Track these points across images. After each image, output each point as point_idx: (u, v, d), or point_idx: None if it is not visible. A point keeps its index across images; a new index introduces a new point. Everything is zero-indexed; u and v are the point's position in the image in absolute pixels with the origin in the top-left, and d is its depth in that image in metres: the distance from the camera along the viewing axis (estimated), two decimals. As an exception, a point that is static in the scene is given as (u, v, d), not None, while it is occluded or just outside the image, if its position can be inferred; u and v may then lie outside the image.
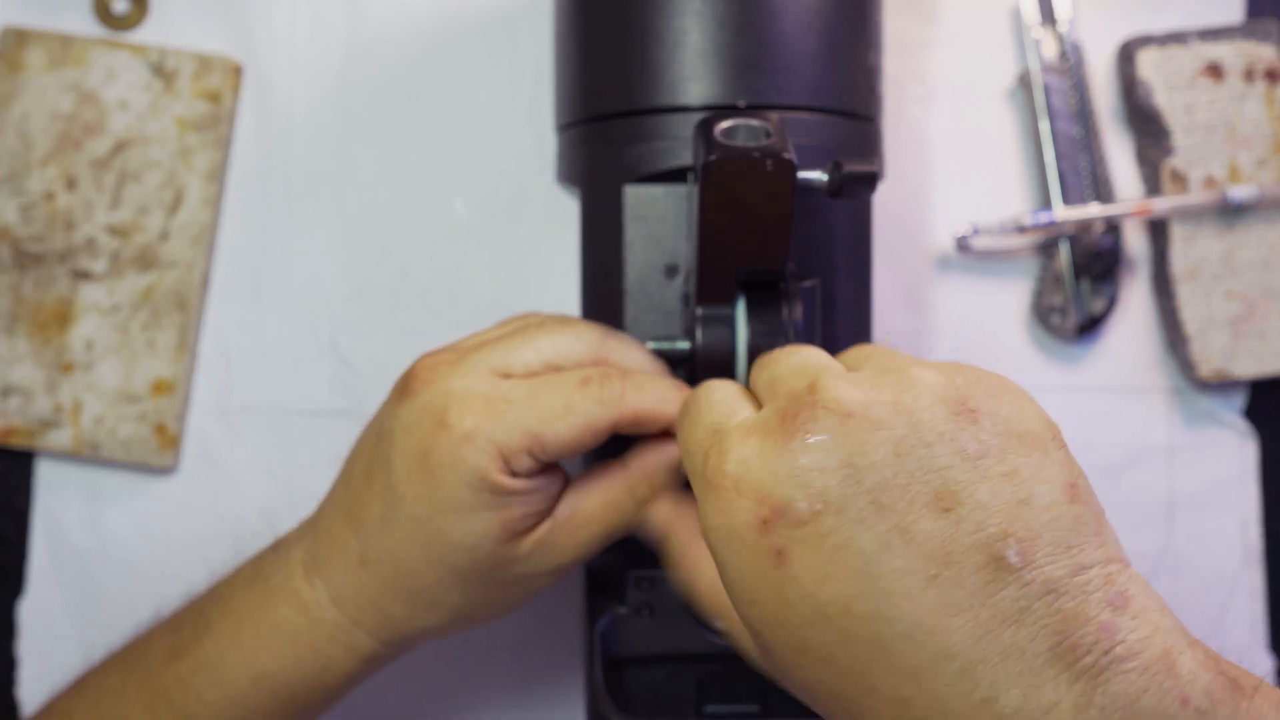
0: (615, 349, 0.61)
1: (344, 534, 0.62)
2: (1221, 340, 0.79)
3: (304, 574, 0.62)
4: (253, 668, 0.62)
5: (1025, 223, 0.78)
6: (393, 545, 0.60)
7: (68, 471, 0.81)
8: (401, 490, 0.59)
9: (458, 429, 0.57)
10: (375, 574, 0.60)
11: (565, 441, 0.58)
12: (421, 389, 0.59)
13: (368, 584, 0.61)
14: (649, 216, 0.64)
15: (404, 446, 0.59)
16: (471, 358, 0.60)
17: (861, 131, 0.66)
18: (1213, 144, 0.80)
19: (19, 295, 0.79)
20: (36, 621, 0.81)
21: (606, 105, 0.65)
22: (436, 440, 0.57)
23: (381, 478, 0.60)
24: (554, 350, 0.60)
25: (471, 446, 0.57)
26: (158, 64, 0.80)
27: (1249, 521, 0.81)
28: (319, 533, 0.63)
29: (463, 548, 0.59)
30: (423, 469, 0.58)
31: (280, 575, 0.63)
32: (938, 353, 0.81)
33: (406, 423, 0.59)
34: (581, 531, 0.61)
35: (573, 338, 0.61)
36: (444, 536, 0.58)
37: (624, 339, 0.62)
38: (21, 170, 0.79)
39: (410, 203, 0.81)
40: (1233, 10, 0.82)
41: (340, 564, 0.61)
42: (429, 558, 0.59)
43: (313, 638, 0.62)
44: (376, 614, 0.61)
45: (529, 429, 0.57)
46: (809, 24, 0.63)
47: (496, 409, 0.57)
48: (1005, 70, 0.82)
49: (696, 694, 0.66)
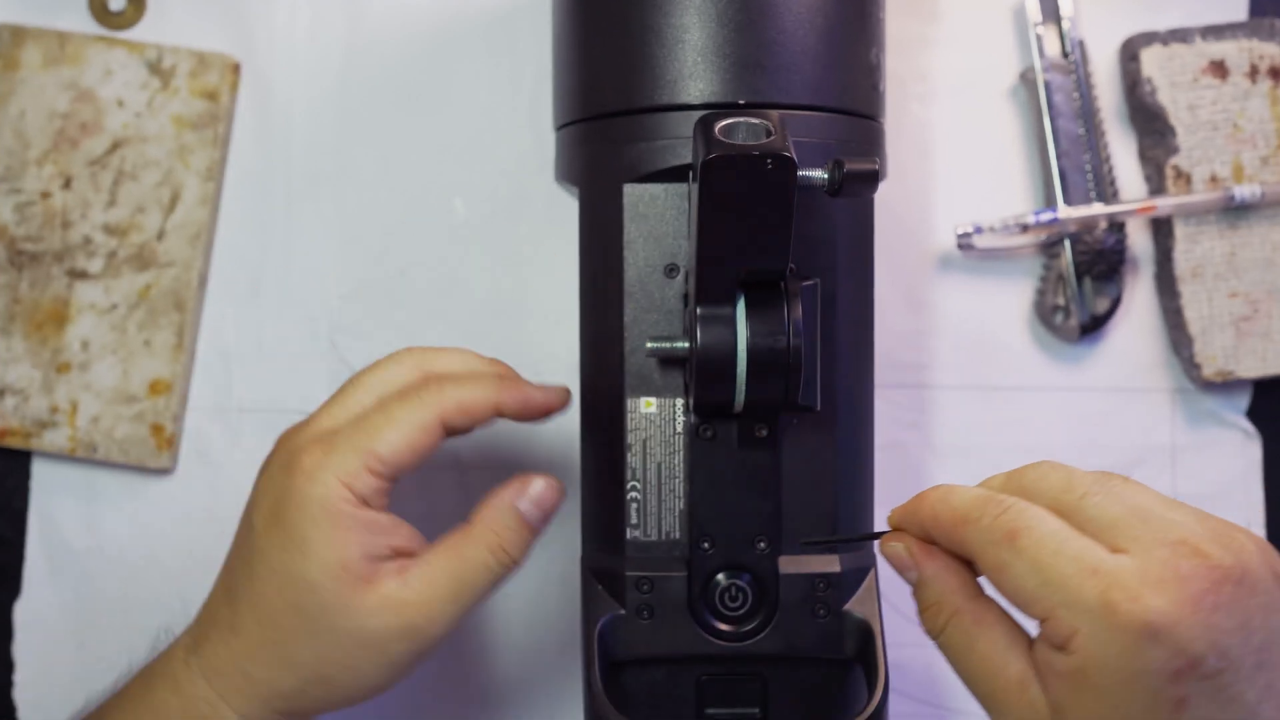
0: (437, 359, 0.65)
1: (219, 607, 0.64)
2: (1225, 340, 0.79)
3: (183, 655, 0.64)
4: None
5: (1028, 222, 0.78)
6: (254, 598, 0.61)
7: (64, 472, 0.81)
8: (260, 544, 0.61)
9: (301, 470, 0.60)
10: (242, 636, 0.62)
11: (399, 448, 0.60)
12: (273, 458, 0.63)
13: (236, 649, 0.62)
14: (648, 215, 0.64)
15: (260, 505, 0.62)
16: (312, 420, 0.63)
17: (863, 130, 0.65)
18: (1216, 142, 0.79)
19: (15, 295, 0.79)
20: (33, 623, 0.80)
21: (606, 104, 0.64)
22: (286, 487, 0.60)
23: (245, 541, 0.63)
24: (380, 383, 0.64)
25: (313, 480, 0.60)
26: (155, 62, 0.79)
27: (1253, 522, 0.81)
28: (201, 616, 0.65)
29: (307, 583, 0.60)
30: (275, 517, 0.61)
31: (161, 661, 0.65)
32: (940, 352, 0.81)
33: (262, 485, 0.63)
34: (432, 587, 0.61)
35: (394, 365, 0.64)
36: (292, 575, 0.60)
37: (444, 351, 0.65)
38: (18, 169, 0.79)
39: (410, 202, 0.81)
40: (1236, 8, 0.81)
41: (215, 636, 0.63)
42: (282, 602, 0.60)
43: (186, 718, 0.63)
44: (241, 681, 0.62)
45: (361, 447, 0.60)
46: (810, 22, 0.63)
47: (331, 443, 0.60)
48: (1008, 68, 0.82)
49: (696, 697, 0.66)
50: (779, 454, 0.64)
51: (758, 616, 0.65)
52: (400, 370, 0.64)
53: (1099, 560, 0.51)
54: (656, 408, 0.64)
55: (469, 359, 0.65)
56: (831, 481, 0.64)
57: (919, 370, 0.81)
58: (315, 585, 0.60)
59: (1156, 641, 0.49)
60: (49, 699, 0.80)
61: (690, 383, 0.61)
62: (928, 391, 0.81)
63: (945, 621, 0.56)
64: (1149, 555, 0.50)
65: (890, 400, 0.80)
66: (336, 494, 0.59)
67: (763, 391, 0.59)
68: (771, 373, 0.58)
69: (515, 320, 0.81)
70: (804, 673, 0.65)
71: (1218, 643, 0.48)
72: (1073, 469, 0.55)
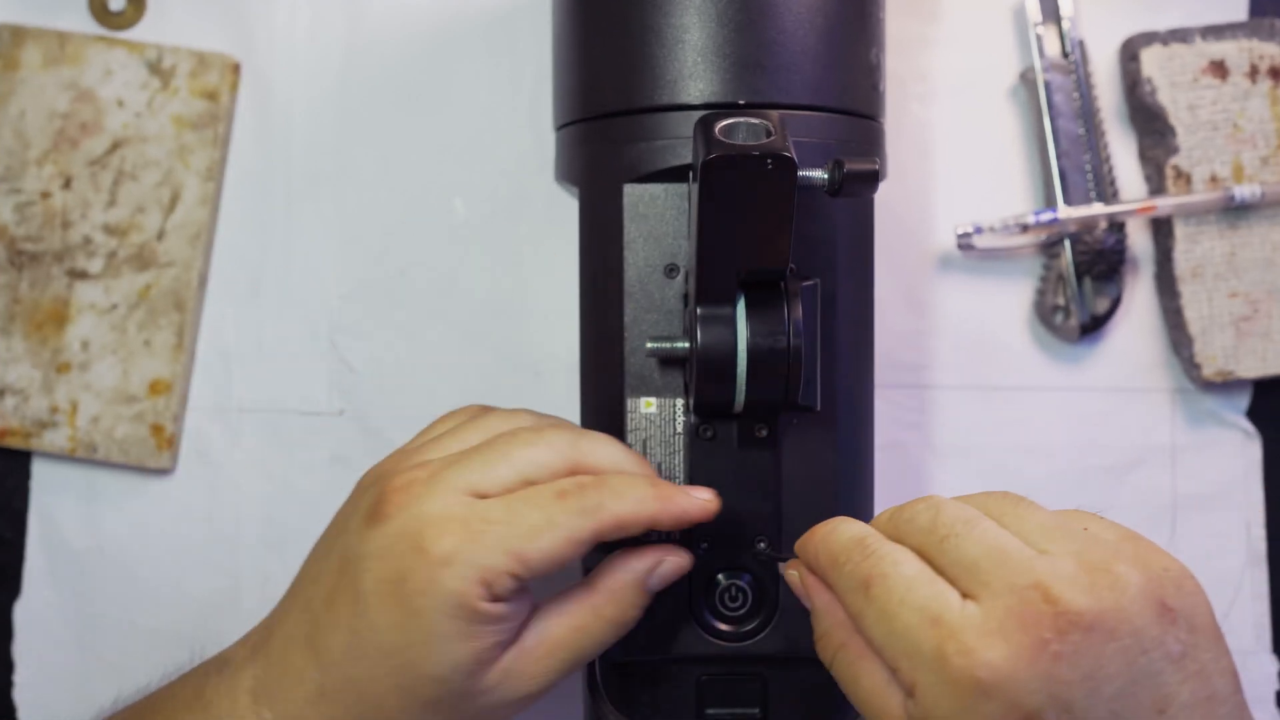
0: (589, 450, 0.59)
1: (301, 663, 0.58)
2: (1225, 340, 0.79)
3: (251, 703, 0.59)
4: None
5: (1028, 222, 0.78)
6: (359, 676, 0.57)
7: (64, 472, 0.81)
8: (373, 619, 0.56)
9: (435, 553, 0.55)
10: (336, 705, 0.58)
11: (549, 557, 0.56)
12: (395, 513, 0.57)
13: (327, 715, 0.58)
14: (649, 215, 0.64)
15: (376, 574, 0.56)
16: (444, 477, 0.57)
17: (863, 130, 0.65)
18: (1216, 142, 0.79)
19: (15, 295, 0.79)
20: (33, 623, 0.80)
21: (606, 104, 0.64)
22: (412, 566, 0.55)
23: (349, 606, 0.57)
24: (528, 463, 0.58)
25: (450, 571, 0.55)
26: (155, 62, 0.79)
27: (1253, 523, 0.81)
28: (271, 659, 0.60)
29: (435, 679, 0.56)
30: (397, 597, 0.56)
31: (224, 703, 0.60)
32: (939, 352, 0.81)
33: (378, 549, 0.56)
34: (549, 659, 0.59)
35: (545, 448, 0.59)
36: (416, 668, 0.56)
37: (596, 438, 0.60)
38: (18, 169, 0.79)
39: (410, 202, 0.81)
40: (1236, 8, 0.81)
41: (296, 695, 0.58)
42: (398, 689, 0.56)
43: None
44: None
45: (510, 548, 0.55)
46: (810, 22, 0.63)
47: (475, 530, 0.55)
48: (1008, 68, 0.82)
49: (697, 697, 0.66)
50: (779, 454, 0.63)
51: (758, 617, 0.65)
52: (551, 455, 0.58)
53: (943, 610, 0.50)
54: (656, 408, 0.64)
55: (617, 453, 0.60)
56: (832, 482, 0.64)
57: (919, 370, 0.81)
58: (438, 679, 0.56)
59: (988, 697, 0.48)
60: (49, 699, 0.80)
61: (690, 383, 0.61)
62: (927, 391, 0.81)
63: (833, 653, 0.55)
64: (995, 602, 0.49)
65: (890, 400, 0.80)
66: (474, 592, 0.55)
67: (763, 391, 0.59)
68: (772, 373, 0.58)
69: (515, 320, 0.81)
70: (804, 673, 0.65)
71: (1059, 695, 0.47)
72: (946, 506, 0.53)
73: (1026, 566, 0.49)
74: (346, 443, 0.81)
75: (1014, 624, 0.48)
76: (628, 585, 0.60)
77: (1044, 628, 0.47)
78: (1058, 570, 0.49)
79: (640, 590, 0.60)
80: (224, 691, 0.60)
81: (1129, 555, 0.50)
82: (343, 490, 0.80)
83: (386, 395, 0.81)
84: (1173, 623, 0.48)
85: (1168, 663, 0.47)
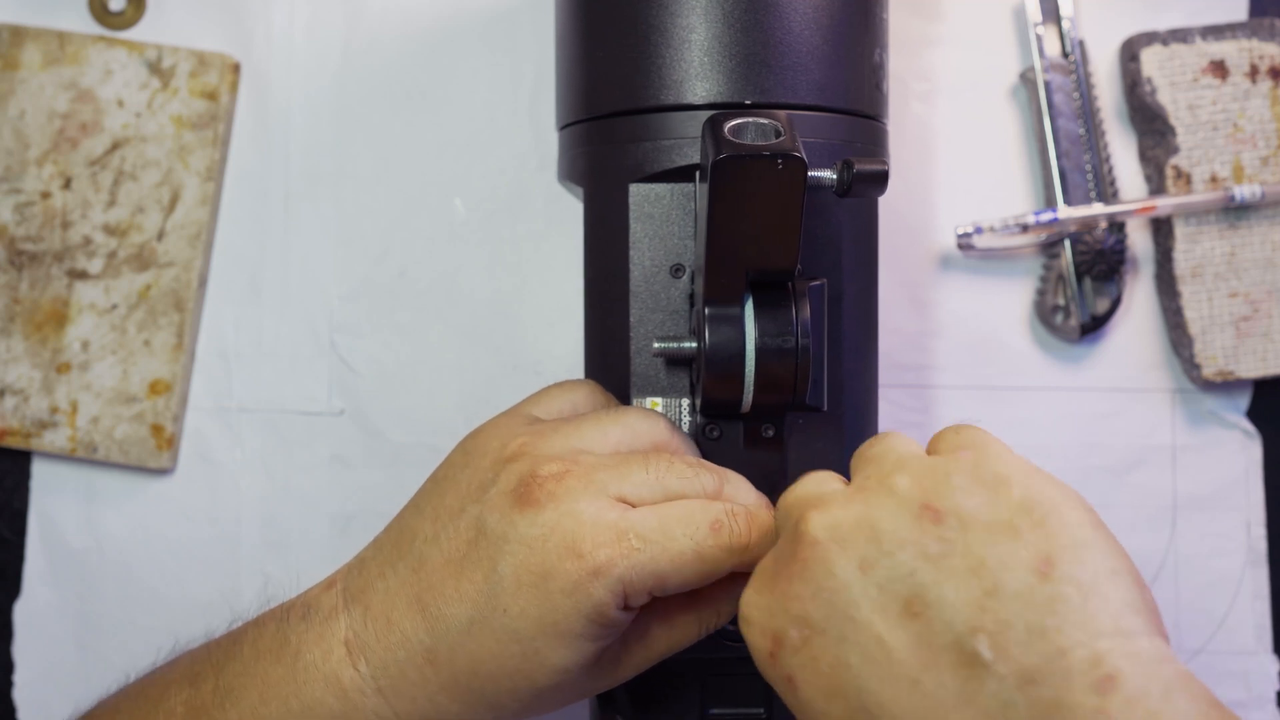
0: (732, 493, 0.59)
1: (409, 624, 0.57)
2: (1225, 340, 0.79)
3: (347, 655, 0.58)
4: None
5: (1028, 221, 0.78)
6: (477, 651, 0.56)
7: (64, 472, 0.80)
8: (505, 603, 0.55)
9: (589, 561, 0.54)
10: (444, 672, 0.57)
11: (688, 585, 0.56)
12: (548, 502, 0.56)
13: (431, 680, 0.57)
14: (654, 216, 0.64)
15: (519, 560, 0.55)
16: (600, 479, 0.56)
17: (867, 130, 0.65)
18: (1216, 142, 0.79)
19: (15, 295, 0.78)
20: (32, 623, 0.80)
21: (611, 104, 0.64)
22: (562, 567, 0.54)
23: (478, 581, 0.56)
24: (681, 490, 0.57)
25: (600, 581, 0.54)
26: (155, 62, 0.79)
27: (1253, 522, 0.81)
28: (371, 612, 0.58)
29: (557, 670, 0.56)
30: (539, 589, 0.55)
31: (316, 651, 0.58)
32: (940, 353, 0.81)
33: (527, 536, 0.55)
34: (648, 650, 0.59)
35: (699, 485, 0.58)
36: (540, 657, 0.56)
37: (738, 481, 0.59)
38: (18, 169, 0.79)
39: (409, 202, 0.81)
40: (1236, 8, 0.82)
41: (399, 653, 0.57)
42: (516, 673, 0.56)
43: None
44: (428, 709, 0.58)
45: (657, 571, 0.55)
46: (816, 21, 0.63)
47: (629, 545, 0.55)
48: (1008, 68, 0.82)
49: (701, 697, 0.66)
50: (785, 454, 0.63)
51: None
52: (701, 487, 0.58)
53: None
54: (662, 408, 0.64)
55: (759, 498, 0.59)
56: (837, 481, 0.64)
57: (920, 370, 0.81)
58: (561, 670, 0.56)
59: (751, 629, 0.50)
60: (49, 699, 0.80)
61: (697, 383, 0.61)
62: (929, 391, 0.81)
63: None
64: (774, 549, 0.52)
65: (892, 400, 0.80)
66: (615, 603, 0.55)
67: (771, 392, 0.59)
68: (780, 373, 0.58)
69: (515, 320, 0.81)
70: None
71: (793, 612, 0.48)
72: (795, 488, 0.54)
73: (803, 505, 0.51)
74: (346, 442, 0.81)
75: (770, 561, 0.51)
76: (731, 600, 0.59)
77: (784, 556, 0.50)
78: (823, 501, 0.50)
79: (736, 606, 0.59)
80: (314, 640, 0.59)
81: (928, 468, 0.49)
82: (343, 490, 0.80)
83: (386, 395, 0.81)
84: (936, 522, 0.47)
85: (921, 561, 0.46)
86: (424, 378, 0.81)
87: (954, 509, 0.47)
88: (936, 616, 0.45)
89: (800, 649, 0.48)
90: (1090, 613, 0.44)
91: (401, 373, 0.81)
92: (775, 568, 0.50)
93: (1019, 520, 0.46)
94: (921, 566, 0.46)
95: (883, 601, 0.46)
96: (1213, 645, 0.80)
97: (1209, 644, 0.80)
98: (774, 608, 0.49)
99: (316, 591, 0.61)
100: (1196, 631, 0.80)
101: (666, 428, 0.61)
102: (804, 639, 0.48)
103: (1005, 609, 0.44)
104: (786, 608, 0.49)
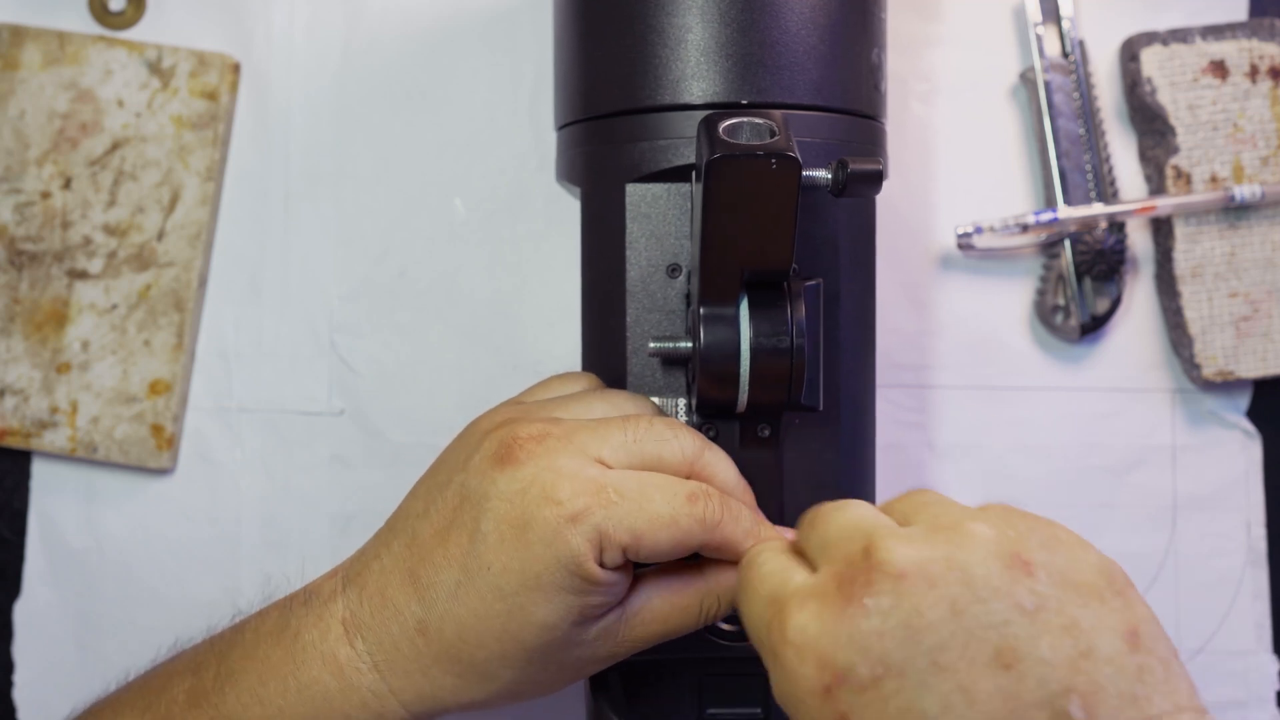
0: (711, 462, 0.59)
1: (401, 597, 0.58)
2: (1225, 340, 0.79)
3: (344, 633, 0.59)
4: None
5: (1028, 221, 0.78)
6: (464, 615, 0.57)
7: (64, 472, 0.80)
8: (488, 559, 0.56)
9: (568, 507, 0.55)
10: (435, 642, 0.57)
11: (658, 550, 0.56)
12: (527, 459, 0.56)
13: (423, 652, 0.58)
14: (651, 215, 0.64)
15: (500, 514, 0.56)
16: (580, 439, 0.57)
17: (865, 130, 0.65)
18: (1216, 142, 0.79)
19: (15, 295, 0.78)
20: (32, 623, 0.80)
21: (608, 103, 0.64)
22: (540, 514, 0.55)
23: (462, 543, 0.57)
24: (658, 454, 0.58)
25: (576, 528, 0.55)
26: (155, 62, 0.79)
27: (1253, 522, 0.81)
28: (366, 591, 0.59)
29: (542, 626, 0.56)
30: (519, 541, 0.55)
31: (314, 632, 0.59)
32: (940, 352, 0.81)
33: (507, 491, 0.56)
34: (646, 628, 0.59)
35: (678, 446, 0.58)
36: (525, 612, 0.56)
37: (720, 454, 0.60)
38: (18, 169, 0.79)
39: (409, 202, 0.81)
40: (1236, 8, 0.81)
41: (393, 628, 0.58)
42: (503, 632, 0.56)
43: (344, 704, 0.59)
44: (423, 683, 0.58)
45: (634, 528, 0.55)
46: (812, 21, 0.63)
47: (607, 498, 0.55)
48: (1008, 68, 0.82)
49: (699, 697, 0.66)
50: (781, 454, 0.63)
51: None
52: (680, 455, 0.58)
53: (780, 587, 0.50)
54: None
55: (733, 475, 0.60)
56: (834, 481, 0.64)
57: (919, 370, 0.81)
58: (546, 626, 0.56)
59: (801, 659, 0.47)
60: (49, 699, 0.80)
61: (693, 383, 0.61)
62: (928, 391, 0.81)
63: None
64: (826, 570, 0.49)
65: (891, 400, 0.80)
66: (590, 553, 0.55)
67: (766, 392, 0.59)
68: (775, 373, 0.58)
69: (515, 320, 0.81)
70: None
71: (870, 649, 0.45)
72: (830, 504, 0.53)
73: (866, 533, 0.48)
74: (346, 442, 0.81)
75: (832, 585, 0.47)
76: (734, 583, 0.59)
77: (857, 583, 0.46)
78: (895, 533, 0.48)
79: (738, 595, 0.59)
80: (312, 622, 0.60)
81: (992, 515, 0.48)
82: (343, 490, 0.80)
83: (386, 395, 0.81)
84: (1028, 574, 0.45)
85: (1016, 614, 0.44)
86: (424, 378, 0.81)
87: (1045, 564, 0.46)
88: (1030, 671, 0.43)
89: (868, 688, 0.45)
90: (1172, 686, 0.44)
91: (401, 373, 0.81)
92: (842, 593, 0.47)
93: (1102, 585, 0.46)
94: (1016, 619, 0.44)
95: (972, 650, 0.44)
96: (1213, 645, 0.80)
97: (1209, 643, 0.80)
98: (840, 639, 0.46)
99: (320, 580, 0.62)
100: (1197, 631, 0.80)
101: (654, 407, 0.62)
102: (875, 679, 0.45)
103: (1099, 672, 0.43)
104: (859, 641, 0.45)
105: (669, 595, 0.60)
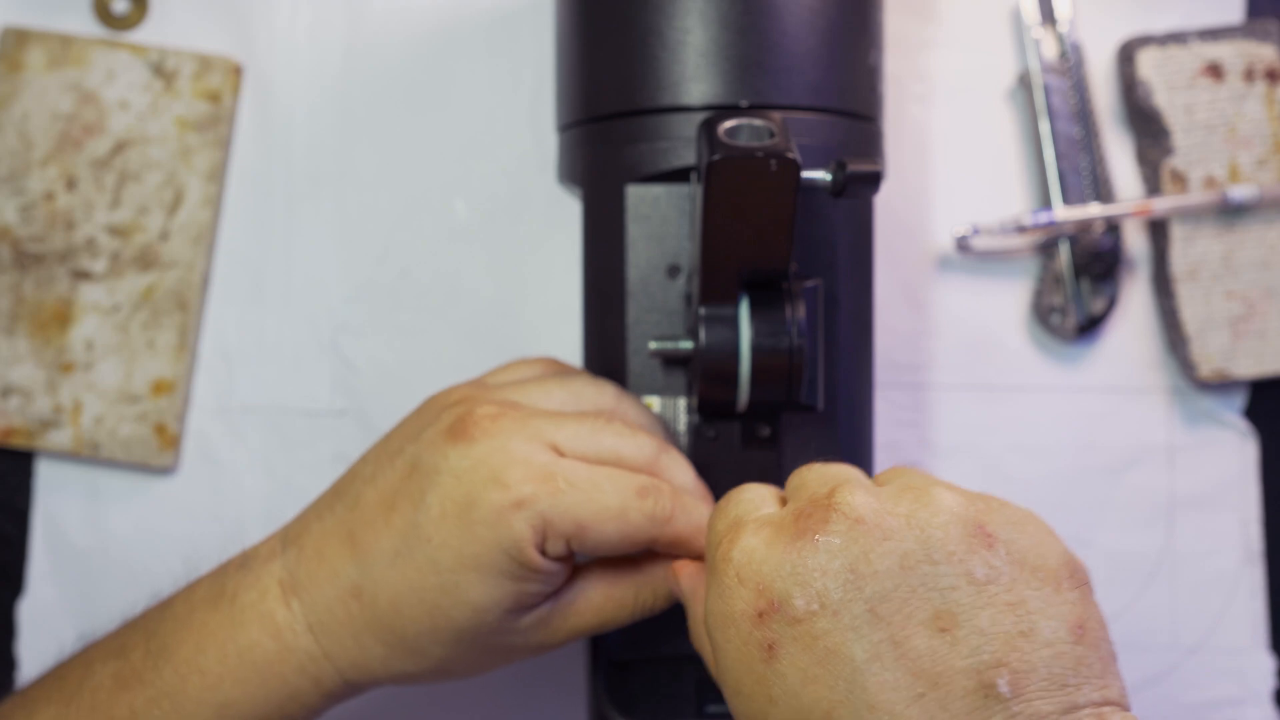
0: (669, 465, 0.60)
1: (339, 559, 0.59)
2: (1221, 340, 0.79)
3: (280, 594, 0.59)
4: (216, 696, 0.59)
5: (1025, 223, 0.78)
6: (398, 584, 0.57)
7: (68, 471, 0.81)
8: (428, 532, 0.56)
9: (514, 492, 0.55)
10: (368, 608, 0.58)
11: (604, 543, 0.57)
12: (480, 438, 0.57)
13: (356, 616, 0.58)
14: (651, 216, 0.64)
15: (446, 489, 0.56)
16: (535, 424, 0.57)
17: (863, 131, 0.66)
18: (1213, 144, 0.80)
19: (19, 295, 0.79)
20: (36, 622, 0.80)
21: (609, 105, 0.65)
22: (486, 495, 0.55)
23: (406, 512, 0.57)
24: (615, 451, 0.58)
25: (520, 514, 0.55)
26: (158, 64, 0.80)
27: (1249, 521, 0.81)
28: (305, 552, 0.60)
29: (474, 608, 0.56)
30: (461, 518, 0.56)
31: (251, 594, 0.59)
32: (937, 352, 0.81)
33: (456, 468, 0.56)
34: (579, 619, 0.60)
35: (635, 446, 0.59)
36: (458, 591, 0.56)
37: (677, 457, 0.60)
38: (22, 170, 0.79)
39: (410, 203, 0.81)
40: (1233, 10, 0.82)
41: (328, 589, 0.58)
42: (435, 608, 0.57)
43: (283, 667, 0.59)
44: (354, 649, 0.58)
45: (579, 518, 0.56)
46: (811, 24, 0.63)
47: (555, 487, 0.55)
48: (1005, 70, 0.82)
49: (698, 694, 0.66)
50: (781, 454, 0.64)
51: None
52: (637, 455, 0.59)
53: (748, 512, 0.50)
54: (659, 408, 0.64)
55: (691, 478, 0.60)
56: (832, 480, 0.65)
57: (917, 370, 0.81)
58: (477, 609, 0.56)
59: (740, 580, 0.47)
60: (52, 697, 0.80)
61: (693, 383, 0.62)
62: (925, 391, 0.81)
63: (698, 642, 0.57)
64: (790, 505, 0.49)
65: (888, 400, 0.80)
66: (532, 540, 0.55)
67: (766, 391, 0.59)
68: (774, 373, 0.59)
69: (516, 320, 0.81)
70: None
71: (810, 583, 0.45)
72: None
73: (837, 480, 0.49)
74: (349, 442, 0.81)
75: (790, 518, 0.48)
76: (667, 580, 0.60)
77: (814, 519, 0.47)
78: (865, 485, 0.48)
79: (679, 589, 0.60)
80: (250, 583, 0.60)
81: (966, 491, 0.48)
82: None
83: (389, 395, 0.81)
84: (987, 547, 0.45)
85: (964, 581, 0.45)
86: (425, 377, 0.81)
87: (1007, 541, 0.46)
88: (965, 639, 0.44)
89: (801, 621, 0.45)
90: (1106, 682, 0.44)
91: (403, 372, 0.81)
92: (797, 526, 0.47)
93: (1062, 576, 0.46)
94: (963, 585, 0.45)
95: (912, 606, 0.44)
96: (1209, 643, 0.81)
97: (1205, 642, 0.81)
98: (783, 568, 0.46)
99: (257, 546, 0.63)
100: (1193, 629, 0.81)
101: (614, 396, 0.62)
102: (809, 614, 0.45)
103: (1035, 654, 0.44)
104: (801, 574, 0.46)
105: (605, 587, 0.60)
